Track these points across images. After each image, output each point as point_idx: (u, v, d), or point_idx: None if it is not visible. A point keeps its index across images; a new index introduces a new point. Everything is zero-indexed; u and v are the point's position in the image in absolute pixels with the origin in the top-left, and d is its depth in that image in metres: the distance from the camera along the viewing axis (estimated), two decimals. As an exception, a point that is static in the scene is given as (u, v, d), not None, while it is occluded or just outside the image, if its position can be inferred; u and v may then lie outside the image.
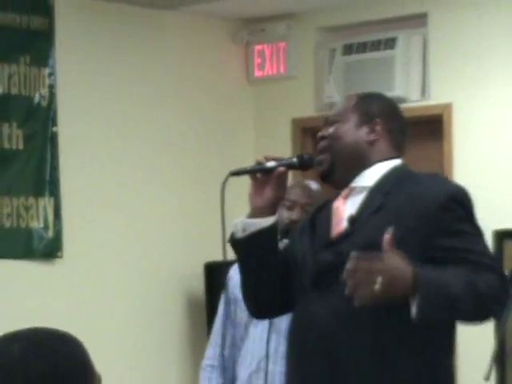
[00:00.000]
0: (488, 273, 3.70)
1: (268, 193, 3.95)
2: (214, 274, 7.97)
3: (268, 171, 3.92)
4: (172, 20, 8.36)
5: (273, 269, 3.99)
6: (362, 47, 7.90)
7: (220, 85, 8.56)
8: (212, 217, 7.84)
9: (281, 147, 8.26)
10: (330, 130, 4.01)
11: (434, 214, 3.75)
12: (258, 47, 8.47)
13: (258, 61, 8.51)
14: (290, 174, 4.06)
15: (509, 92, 7.05)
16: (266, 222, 3.94)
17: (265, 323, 5.20)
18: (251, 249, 3.97)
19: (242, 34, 8.48)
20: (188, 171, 8.67)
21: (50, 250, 7.74)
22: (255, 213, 3.98)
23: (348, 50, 7.95)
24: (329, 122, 4.05)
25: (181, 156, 8.50)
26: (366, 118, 3.99)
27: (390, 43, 7.77)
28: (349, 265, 3.55)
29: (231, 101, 8.59)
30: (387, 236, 3.60)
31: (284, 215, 5.11)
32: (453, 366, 3.93)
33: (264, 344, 5.26)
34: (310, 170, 4.09)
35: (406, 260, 3.61)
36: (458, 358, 4.04)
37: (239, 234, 3.97)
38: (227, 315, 5.44)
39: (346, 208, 3.92)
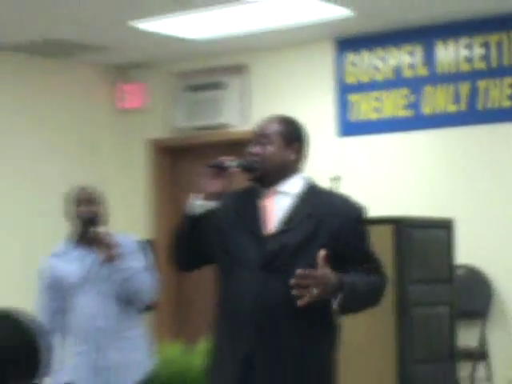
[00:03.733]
0: (376, 274, 3.88)
1: (220, 185, 3.94)
2: None
3: (226, 168, 3.92)
4: (55, 67, 8.14)
5: (205, 234, 3.97)
6: (201, 87, 7.99)
7: (90, 113, 8.35)
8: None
9: (138, 160, 8.37)
10: (261, 149, 3.94)
11: (352, 224, 3.87)
12: (125, 86, 8.42)
13: (126, 96, 8.43)
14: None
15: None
16: (212, 205, 3.94)
17: (79, 293, 5.08)
18: (200, 221, 3.95)
19: (112, 76, 8.43)
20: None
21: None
22: (206, 197, 3.95)
23: (192, 89, 8.05)
24: (257, 140, 3.98)
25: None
26: (289, 141, 3.95)
27: (221, 85, 7.87)
28: (294, 280, 3.65)
29: (100, 126, 8.43)
30: (322, 254, 3.69)
31: (84, 209, 5.08)
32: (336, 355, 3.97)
33: (83, 311, 5.11)
34: (249, 173, 3.95)
35: (332, 272, 3.71)
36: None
37: (195, 211, 3.95)
38: (54, 291, 5.21)
39: (274, 208, 3.93)
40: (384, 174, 7.23)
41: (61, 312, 5.18)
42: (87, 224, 5.01)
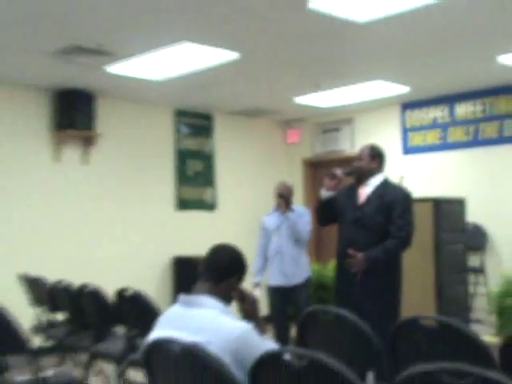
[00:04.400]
0: (394, 238, 3.70)
1: (334, 183, 3.90)
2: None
3: (337, 174, 3.89)
4: (252, 123, 8.01)
5: (330, 208, 3.95)
6: (328, 130, 7.90)
7: (272, 147, 8.26)
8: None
9: (298, 170, 8.22)
10: (358, 163, 3.90)
11: (398, 201, 3.75)
12: (290, 131, 8.33)
13: (290, 136, 8.34)
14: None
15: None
16: (331, 194, 3.93)
17: (275, 235, 5.04)
18: (326, 202, 3.93)
19: (283, 126, 8.32)
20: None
21: (212, 207, 7.56)
22: (327, 189, 3.93)
23: (324, 132, 7.96)
24: (358, 158, 3.92)
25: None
26: (373, 157, 3.89)
27: (339, 128, 7.79)
28: (347, 261, 3.70)
29: (277, 153, 8.33)
30: (352, 251, 3.69)
31: (279, 192, 5.01)
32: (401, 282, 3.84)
33: (277, 244, 5.06)
34: (350, 176, 3.93)
35: (363, 253, 3.67)
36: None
37: (323, 197, 3.95)
38: (264, 234, 5.18)
39: (364, 192, 3.88)
40: (427, 174, 7.06)
41: (266, 244, 5.18)
42: (281, 197, 5.01)
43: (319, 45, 4.96)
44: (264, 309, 5.16)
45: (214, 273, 2.15)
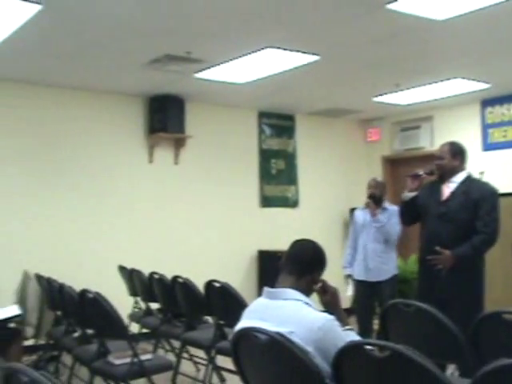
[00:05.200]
0: (481, 234, 3.61)
1: (417, 184, 3.87)
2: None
3: (419, 175, 3.85)
4: (331, 122, 7.94)
5: (414, 208, 3.89)
6: (408, 128, 7.74)
7: (352, 145, 8.16)
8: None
9: (377, 167, 8.06)
10: (439, 162, 3.81)
11: (485, 198, 3.65)
12: (369, 129, 8.23)
13: (370, 135, 8.25)
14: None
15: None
16: (414, 194, 3.89)
17: (363, 231, 4.99)
18: (410, 202, 3.87)
19: (363, 125, 8.21)
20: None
21: (295, 204, 7.58)
22: (410, 190, 3.89)
23: (403, 129, 7.80)
24: (438, 157, 3.84)
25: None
26: (454, 155, 3.79)
27: (418, 126, 7.62)
28: (433, 258, 3.64)
29: (358, 150, 8.23)
30: (438, 248, 3.61)
31: (370, 191, 4.93)
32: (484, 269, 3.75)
33: (364, 240, 4.99)
34: (432, 176, 3.86)
35: (449, 251, 3.61)
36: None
37: (407, 198, 3.90)
38: (354, 227, 5.12)
39: (447, 189, 3.79)
40: (508, 170, 6.76)
41: (356, 238, 5.11)
42: (371, 198, 4.95)
43: (398, 44, 4.88)
44: (348, 301, 5.16)
45: (297, 266, 2.15)
